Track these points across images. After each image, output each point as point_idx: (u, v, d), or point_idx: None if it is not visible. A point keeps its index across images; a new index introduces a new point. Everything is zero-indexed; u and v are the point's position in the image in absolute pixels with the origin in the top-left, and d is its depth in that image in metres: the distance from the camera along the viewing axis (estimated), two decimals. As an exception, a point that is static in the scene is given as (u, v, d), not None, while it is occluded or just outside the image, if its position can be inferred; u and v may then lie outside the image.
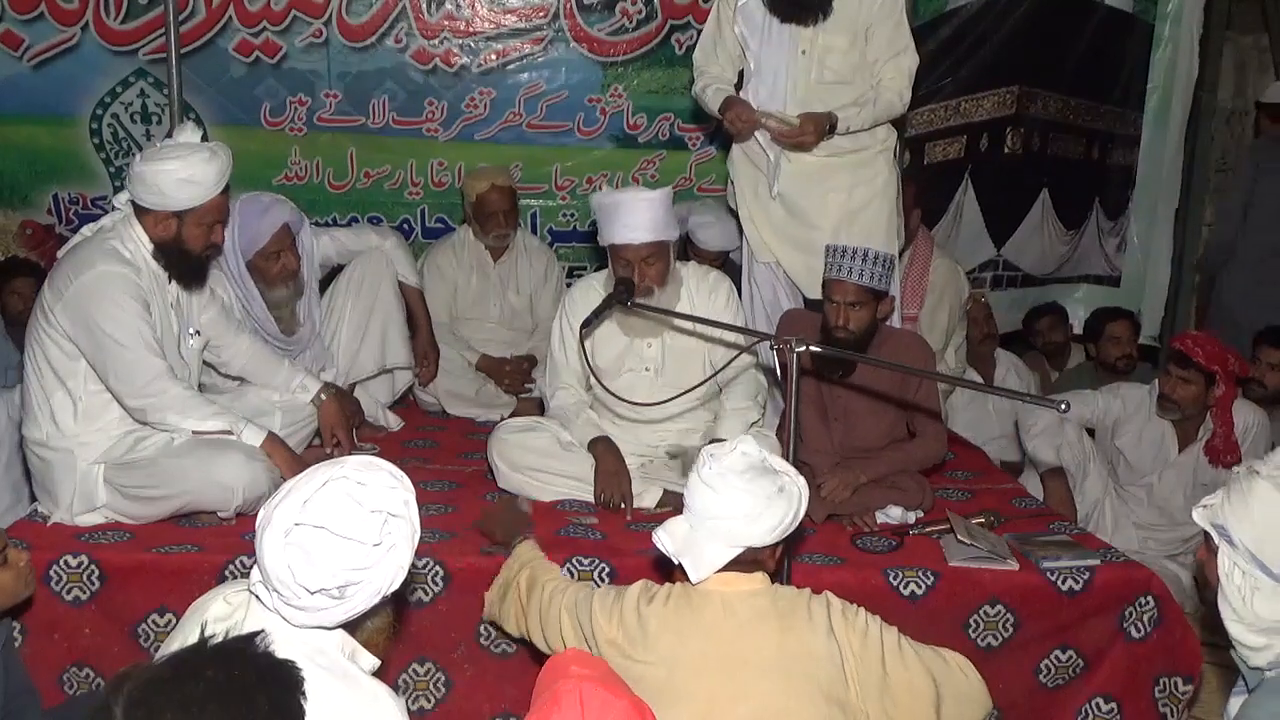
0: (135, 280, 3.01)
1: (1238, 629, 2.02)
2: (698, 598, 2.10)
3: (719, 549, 2.08)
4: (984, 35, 5.26)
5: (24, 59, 4.87)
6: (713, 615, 2.08)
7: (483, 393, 4.33)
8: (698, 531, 2.09)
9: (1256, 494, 1.97)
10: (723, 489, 2.06)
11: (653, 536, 2.15)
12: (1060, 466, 3.95)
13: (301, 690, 1.45)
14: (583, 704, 1.54)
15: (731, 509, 2.05)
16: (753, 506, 2.05)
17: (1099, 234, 5.84)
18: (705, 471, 2.08)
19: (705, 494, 2.08)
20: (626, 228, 3.26)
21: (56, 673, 2.81)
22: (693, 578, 2.09)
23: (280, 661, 1.46)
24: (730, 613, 2.08)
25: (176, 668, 1.41)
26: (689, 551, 2.10)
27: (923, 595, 2.89)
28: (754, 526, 2.06)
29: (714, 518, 2.07)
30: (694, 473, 2.12)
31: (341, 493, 1.66)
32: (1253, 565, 1.97)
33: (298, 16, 4.92)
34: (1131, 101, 5.70)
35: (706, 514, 2.07)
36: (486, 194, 4.41)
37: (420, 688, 2.88)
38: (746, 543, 2.07)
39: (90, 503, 3.04)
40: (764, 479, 2.08)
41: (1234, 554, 1.99)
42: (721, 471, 2.07)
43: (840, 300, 3.20)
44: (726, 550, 2.08)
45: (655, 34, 5.04)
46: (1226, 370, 3.80)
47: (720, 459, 2.10)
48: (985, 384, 4.80)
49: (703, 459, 2.11)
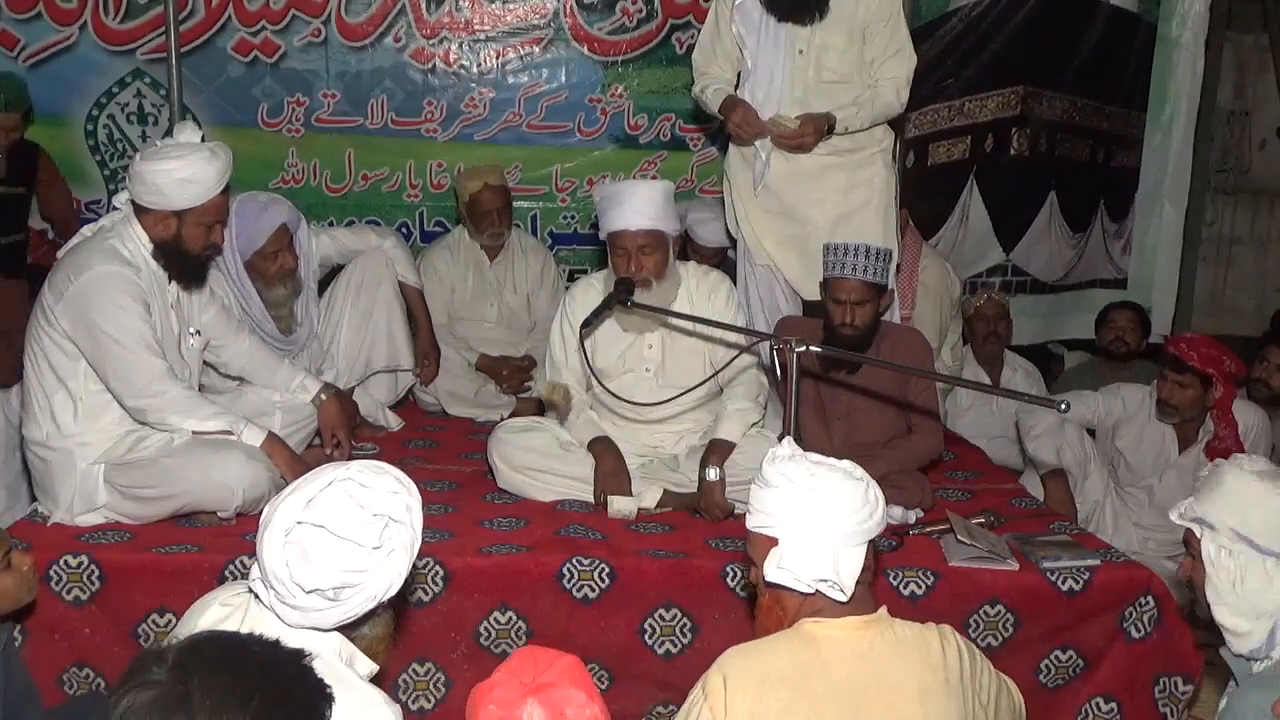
0: (135, 280, 3.01)
1: (1225, 614, 2.08)
2: (821, 647, 1.78)
3: (851, 551, 1.85)
4: (987, 35, 5.27)
5: (19, 59, 4.86)
6: (847, 671, 1.76)
7: (482, 393, 4.33)
8: (815, 546, 1.84)
9: (1226, 479, 2.09)
10: (823, 485, 1.86)
11: (769, 577, 1.88)
12: (1061, 467, 3.95)
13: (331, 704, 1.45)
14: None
15: (845, 502, 1.85)
16: (859, 490, 1.86)
17: (1104, 236, 5.83)
18: (799, 478, 1.86)
19: (806, 500, 1.85)
20: (625, 213, 3.25)
21: (56, 673, 2.80)
22: (845, 593, 1.84)
23: (321, 681, 1.45)
24: (866, 667, 1.81)
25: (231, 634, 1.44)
26: (823, 569, 1.83)
27: (923, 595, 2.89)
28: (871, 514, 1.86)
29: (831, 519, 1.84)
30: (771, 490, 1.89)
31: (344, 494, 1.66)
32: (1240, 543, 2.05)
33: (297, 16, 4.92)
34: (1136, 102, 5.70)
35: (818, 520, 1.84)
36: (480, 193, 4.41)
37: (420, 688, 2.88)
38: (872, 534, 1.87)
39: (90, 503, 3.04)
40: (839, 469, 1.90)
41: (1217, 537, 2.06)
42: (808, 469, 1.87)
43: (845, 299, 3.20)
44: (858, 550, 1.86)
45: (656, 33, 5.04)
46: (1223, 372, 3.80)
47: (790, 460, 1.90)
48: (990, 384, 4.79)
49: (775, 471, 1.89)
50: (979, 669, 1.92)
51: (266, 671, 1.37)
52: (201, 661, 1.34)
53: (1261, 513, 2.04)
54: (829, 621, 1.86)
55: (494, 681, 1.56)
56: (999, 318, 4.92)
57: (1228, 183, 6.56)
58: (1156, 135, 5.75)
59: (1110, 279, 5.90)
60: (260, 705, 1.32)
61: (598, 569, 2.88)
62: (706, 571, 2.90)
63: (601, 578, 2.87)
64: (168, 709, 1.30)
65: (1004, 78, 5.36)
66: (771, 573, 1.87)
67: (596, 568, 2.88)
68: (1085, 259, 5.81)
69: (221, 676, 1.33)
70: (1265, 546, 2.04)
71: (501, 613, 2.86)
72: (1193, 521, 2.12)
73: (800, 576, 1.85)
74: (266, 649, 1.42)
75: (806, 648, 1.84)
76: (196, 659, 1.34)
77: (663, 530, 3.15)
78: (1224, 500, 2.07)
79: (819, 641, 1.84)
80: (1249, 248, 7.10)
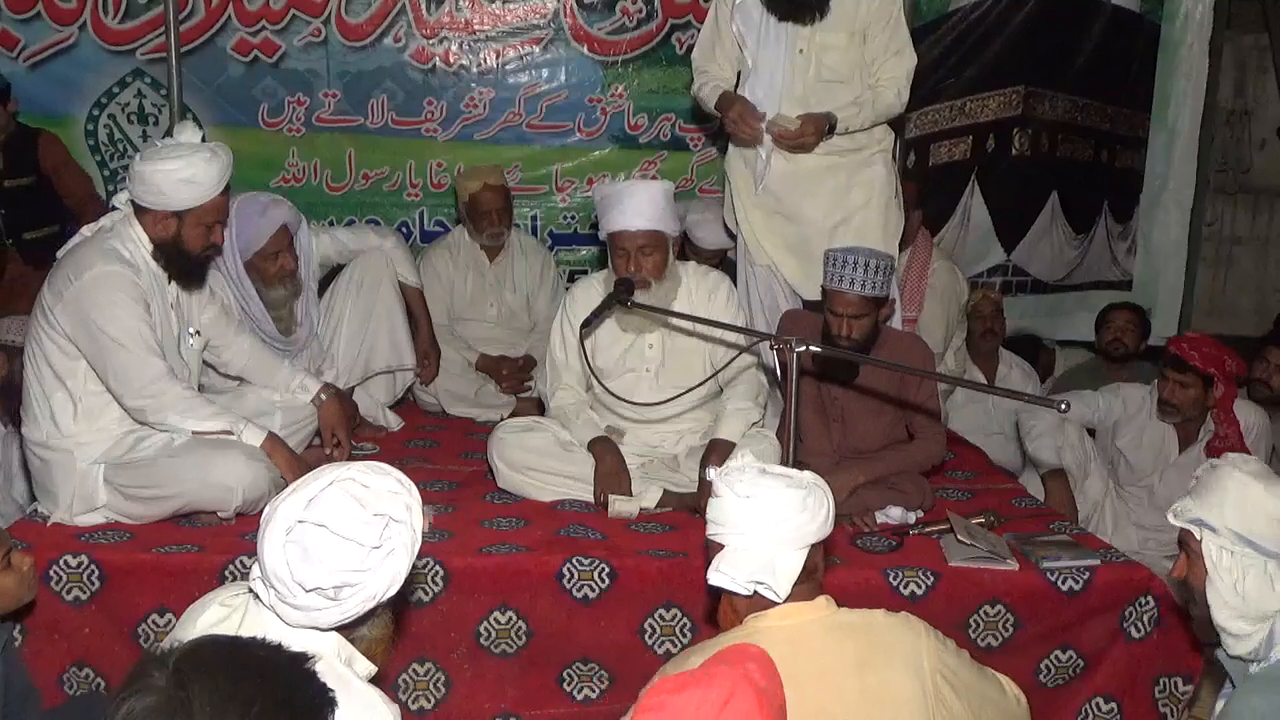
0: (135, 280, 3.01)
1: (1225, 616, 2.08)
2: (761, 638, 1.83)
3: (789, 554, 1.93)
4: (988, 35, 5.27)
5: (19, 59, 4.86)
6: (780, 656, 1.87)
7: (482, 393, 4.33)
8: (754, 551, 1.93)
9: (1225, 481, 2.09)
10: (762, 494, 1.94)
11: (710, 580, 1.97)
12: (1061, 467, 3.95)
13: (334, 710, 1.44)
14: (728, 701, 1.47)
15: (781, 509, 1.93)
16: (797, 498, 1.93)
17: (1109, 237, 5.82)
18: (739, 487, 1.95)
19: (745, 507, 1.94)
20: (625, 214, 3.25)
21: (56, 673, 2.80)
22: (779, 595, 1.92)
23: (325, 685, 1.44)
24: (800, 650, 1.88)
25: (234, 639, 1.43)
26: (760, 572, 1.92)
27: (923, 595, 2.89)
28: (811, 519, 1.94)
29: (768, 526, 1.93)
30: (717, 500, 1.98)
31: (345, 494, 1.67)
32: (1242, 544, 2.05)
33: (297, 15, 4.92)
34: (1139, 103, 5.69)
35: (756, 527, 1.93)
36: (479, 193, 4.41)
37: (420, 688, 2.88)
38: (812, 539, 1.95)
39: (90, 503, 3.04)
40: (783, 477, 1.98)
41: (1219, 539, 2.07)
42: (751, 479, 1.95)
43: (843, 313, 3.19)
44: (797, 554, 1.94)
45: (656, 33, 5.04)
46: (1224, 371, 3.80)
47: (738, 471, 1.98)
48: (986, 382, 4.80)
49: (721, 481, 1.99)
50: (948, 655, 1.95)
51: (267, 677, 1.36)
52: (202, 667, 1.33)
53: (1264, 515, 2.04)
54: (768, 614, 1.95)
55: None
56: (995, 315, 4.91)
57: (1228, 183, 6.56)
58: (1160, 136, 5.73)
59: (1116, 281, 5.88)
60: (261, 711, 1.32)
61: (598, 569, 2.88)
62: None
63: (601, 578, 2.87)
64: (168, 715, 1.30)
65: (1005, 77, 5.35)
66: (712, 576, 1.97)
67: (596, 568, 2.88)
68: (1088, 260, 5.80)
69: (222, 682, 1.32)
70: (1267, 548, 2.04)
71: (501, 613, 2.86)
72: (1191, 523, 2.12)
73: (737, 579, 1.94)
74: (269, 653, 1.41)
75: (748, 641, 1.87)
76: (197, 664, 1.34)
77: (663, 530, 3.15)
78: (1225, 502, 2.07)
79: (759, 634, 1.91)
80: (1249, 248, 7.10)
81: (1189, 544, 2.16)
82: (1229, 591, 2.07)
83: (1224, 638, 2.10)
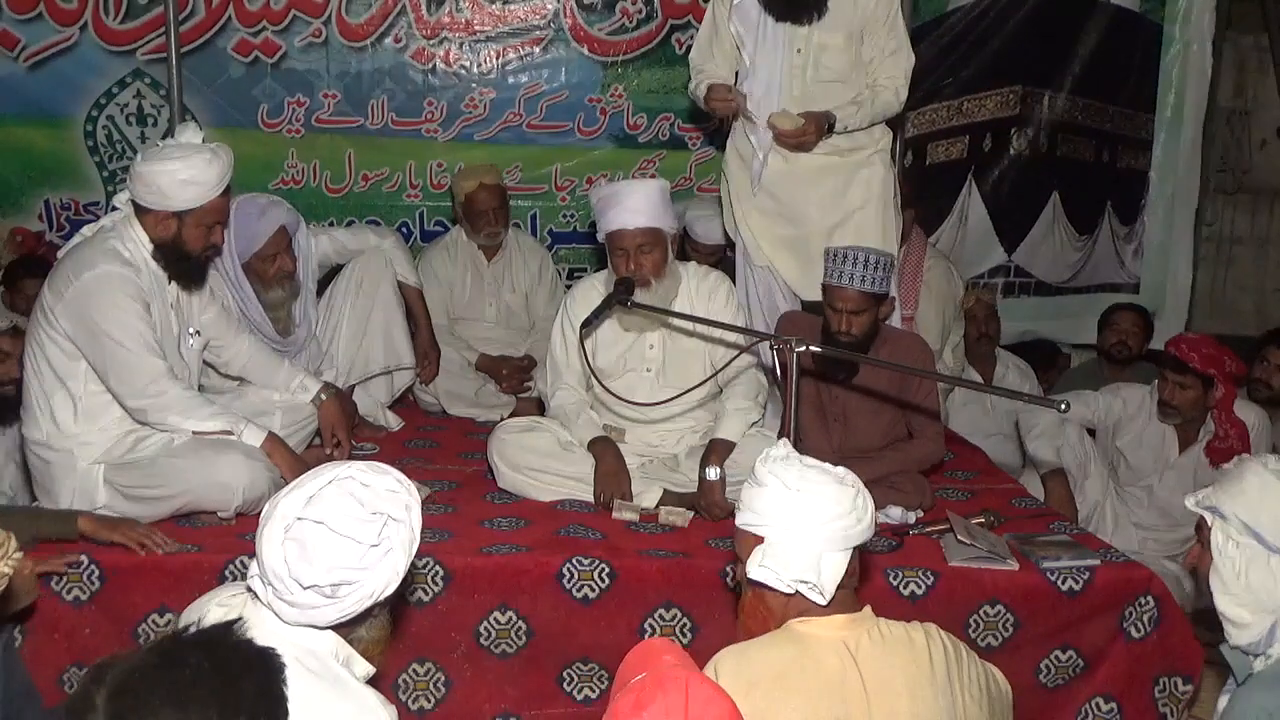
0: (135, 280, 3.01)
1: (1227, 603, 2.10)
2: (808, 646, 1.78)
3: (834, 555, 1.87)
4: (985, 35, 5.26)
5: (19, 59, 4.86)
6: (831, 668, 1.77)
7: (482, 393, 4.33)
8: (799, 547, 1.86)
9: (1247, 474, 2.12)
10: (811, 488, 1.88)
11: (751, 574, 1.91)
12: (1061, 467, 3.95)
13: (283, 676, 1.44)
14: (688, 695, 1.47)
15: (832, 507, 1.87)
16: (848, 497, 1.88)
17: (1114, 239, 5.79)
18: (788, 478, 1.88)
19: (793, 501, 1.87)
20: (621, 213, 3.26)
21: (56, 673, 2.79)
22: (824, 596, 1.86)
23: (261, 648, 1.45)
24: (853, 666, 1.82)
25: (161, 655, 1.39)
26: (806, 571, 1.85)
27: (923, 595, 2.89)
28: (858, 521, 1.88)
29: (817, 523, 1.86)
30: (760, 489, 1.92)
31: (344, 492, 1.67)
32: (1247, 535, 2.07)
33: (297, 16, 4.92)
34: (1142, 103, 5.67)
35: (802, 522, 1.86)
36: (475, 193, 4.41)
37: (420, 688, 2.88)
38: (855, 541, 1.89)
39: (90, 503, 3.03)
40: (829, 473, 1.91)
41: (1227, 527, 2.09)
42: (799, 471, 1.89)
43: (842, 308, 3.20)
44: (842, 555, 1.87)
45: (655, 34, 5.04)
46: (1224, 372, 3.80)
47: (784, 461, 1.92)
48: (984, 383, 4.80)
49: (767, 469, 1.92)
50: (965, 664, 1.93)
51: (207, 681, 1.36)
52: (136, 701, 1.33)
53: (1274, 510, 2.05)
54: (816, 620, 1.88)
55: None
56: (989, 318, 4.92)
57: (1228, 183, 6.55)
58: (1163, 137, 5.71)
59: (1122, 283, 5.84)
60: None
61: (598, 569, 2.88)
62: (706, 571, 2.90)
63: (601, 578, 2.87)
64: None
65: (1003, 77, 5.35)
66: (754, 570, 1.90)
67: (596, 568, 2.88)
68: (1094, 262, 5.77)
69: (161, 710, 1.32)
70: (1272, 543, 2.05)
71: (501, 613, 2.86)
72: (1206, 509, 2.14)
73: (781, 576, 1.87)
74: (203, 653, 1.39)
75: (795, 646, 1.86)
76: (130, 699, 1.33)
77: (663, 530, 3.15)
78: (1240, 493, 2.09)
79: (807, 640, 1.86)
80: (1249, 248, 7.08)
81: (1202, 531, 2.17)
82: (1232, 579, 2.08)
83: (1226, 626, 2.11)
